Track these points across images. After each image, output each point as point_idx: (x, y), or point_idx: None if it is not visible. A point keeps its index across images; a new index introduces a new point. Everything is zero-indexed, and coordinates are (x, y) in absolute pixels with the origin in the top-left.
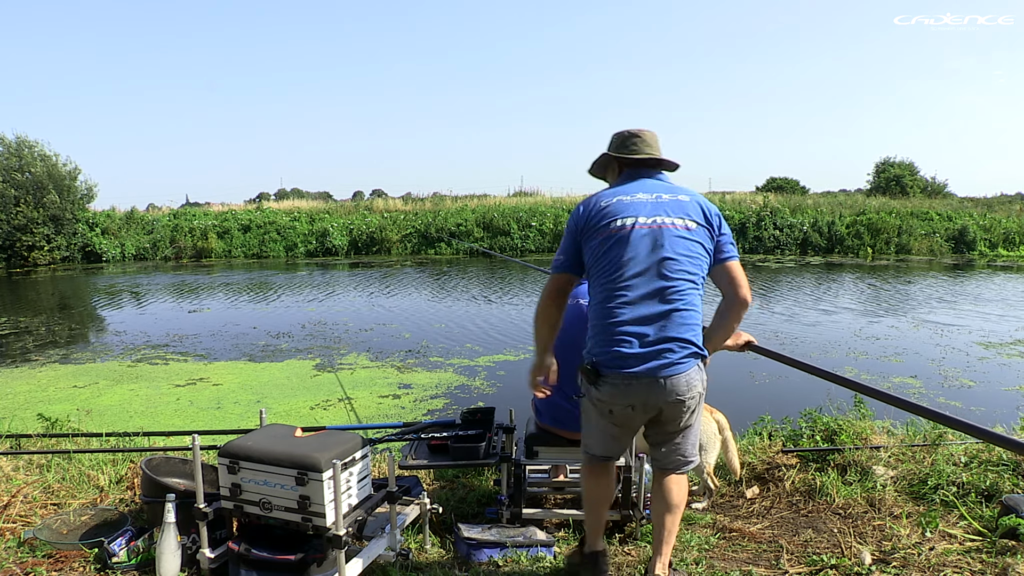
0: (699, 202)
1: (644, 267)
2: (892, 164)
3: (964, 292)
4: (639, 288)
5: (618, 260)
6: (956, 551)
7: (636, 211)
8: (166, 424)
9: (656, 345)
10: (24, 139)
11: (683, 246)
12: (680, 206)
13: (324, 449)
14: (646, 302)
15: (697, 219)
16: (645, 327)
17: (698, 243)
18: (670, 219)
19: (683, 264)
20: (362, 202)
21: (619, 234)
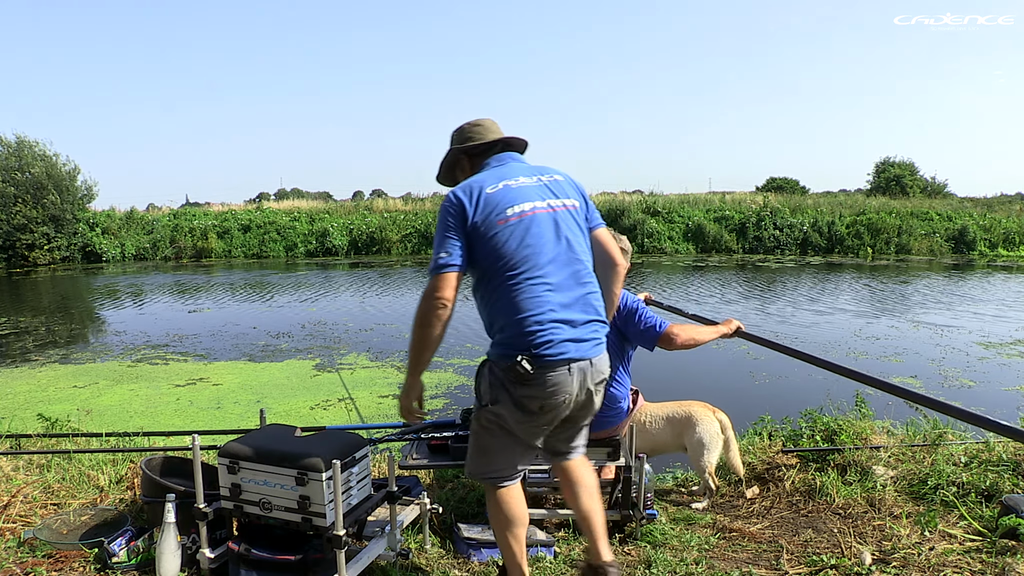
0: (571, 180)
1: (555, 252)
2: (892, 164)
3: (964, 292)
4: (556, 274)
5: (528, 248)
6: (956, 551)
7: (528, 196)
8: (166, 424)
9: (584, 327)
10: (24, 139)
11: (577, 225)
12: (560, 186)
13: (324, 449)
14: (566, 286)
15: (576, 197)
16: (572, 312)
17: (584, 219)
18: (559, 200)
19: (582, 243)
20: (362, 202)
21: (521, 222)
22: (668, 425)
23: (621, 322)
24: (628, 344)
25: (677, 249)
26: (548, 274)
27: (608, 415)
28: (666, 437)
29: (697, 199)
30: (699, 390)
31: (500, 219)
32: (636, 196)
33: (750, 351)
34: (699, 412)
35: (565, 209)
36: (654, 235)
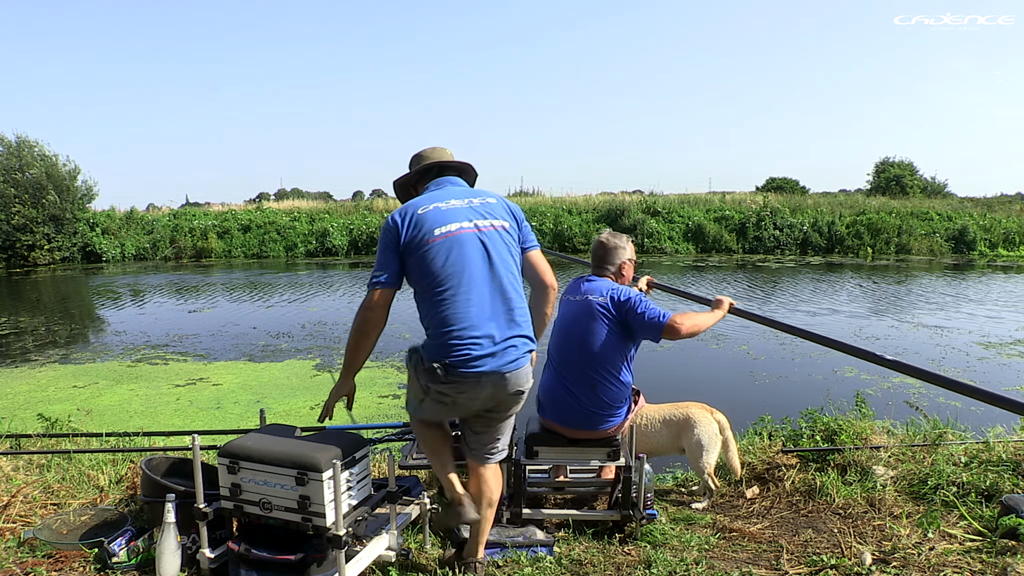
0: (504, 202)
1: (479, 271)
2: (892, 164)
3: (964, 292)
4: (479, 291)
5: (452, 267)
6: (956, 551)
7: (456, 217)
8: (166, 424)
9: (502, 343)
10: (24, 139)
11: (505, 246)
12: (491, 208)
13: (324, 449)
14: (488, 304)
15: (507, 219)
16: (492, 328)
17: (513, 241)
18: (487, 221)
19: (509, 263)
20: (362, 202)
21: (446, 241)
22: (665, 427)
23: (622, 316)
24: (631, 340)
25: (677, 249)
26: (471, 291)
27: (609, 414)
28: (663, 439)
29: (697, 199)
30: (699, 390)
31: (428, 239)
32: (636, 196)
33: (750, 351)
34: (697, 413)
35: (493, 230)
36: (654, 235)
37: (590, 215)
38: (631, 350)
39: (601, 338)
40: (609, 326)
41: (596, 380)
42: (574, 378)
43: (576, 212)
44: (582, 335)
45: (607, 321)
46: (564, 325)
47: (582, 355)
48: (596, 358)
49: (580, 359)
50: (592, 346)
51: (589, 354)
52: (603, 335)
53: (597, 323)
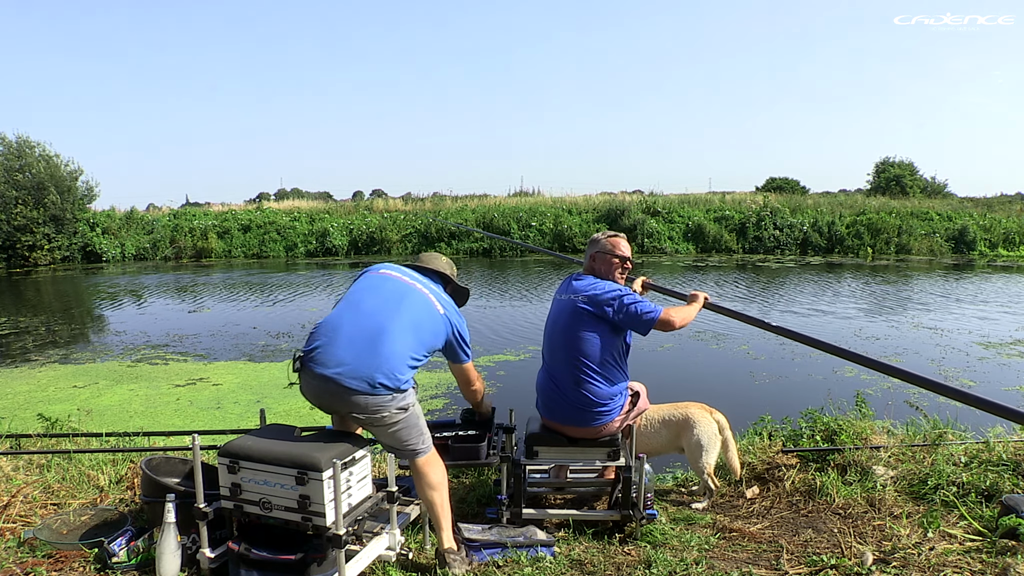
0: (449, 315)
1: (381, 305)
2: (892, 164)
3: (964, 292)
4: (365, 316)
5: (364, 291)
6: (956, 551)
7: (398, 270)
8: (166, 424)
9: (347, 366)
10: (26, 140)
11: (421, 307)
12: (432, 289)
13: (324, 449)
14: (363, 330)
15: (445, 309)
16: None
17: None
18: (420, 286)
19: (411, 315)
20: (362, 202)
21: (379, 275)
22: (665, 427)
23: (603, 312)
24: (616, 336)
25: (677, 249)
26: (360, 306)
27: (599, 411)
28: (663, 439)
29: (697, 199)
30: (699, 390)
31: (371, 272)
32: (636, 196)
33: (750, 351)
34: (696, 413)
35: (412, 286)
36: (654, 235)
37: (590, 215)
38: (617, 346)
39: (584, 335)
40: (592, 323)
41: (581, 377)
42: (560, 375)
43: (576, 212)
44: (566, 333)
45: (589, 318)
46: (551, 323)
47: (566, 352)
48: (580, 355)
49: (565, 356)
50: (575, 343)
51: (573, 351)
52: (586, 332)
53: (580, 321)
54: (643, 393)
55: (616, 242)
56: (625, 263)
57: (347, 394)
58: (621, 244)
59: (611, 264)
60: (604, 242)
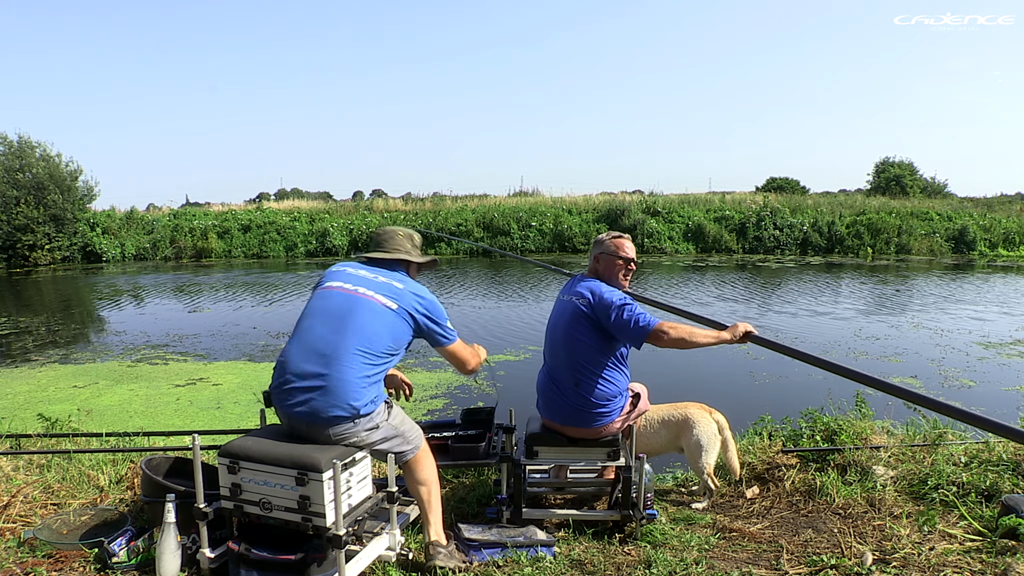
0: (414, 299)
1: (325, 324)
2: (892, 164)
3: (964, 292)
4: (310, 340)
5: (311, 315)
6: (956, 551)
7: (347, 279)
8: (166, 424)
9: (297, 391)
10: (27, 140)
11: (374, 315)
12: (383, 286)
13: (324, 449)
14: (310, 353)
15: (400, 302)
16: (298, 373)
17: (395, 323)
18: (370, 292)
19: (364, 328)
20: (362, 202)
21: (327, 292)
22: (664, 427)
23: (599, 317)
24: (615, 341)
25: (677, 249)
26: (305, 337)
27: (599, 412)
28: (662, 439)
29: (697, 199)
30: (699, 390)
31: (321, 286)
32: (636, 196)
33: (750, 351)
34: (696, 414)
35: (365, 298)
36: (654, 235)
37: (590, 215)
38: (618, 348)
39: (582, 337)
40: (589, 326)
41: (579, 378)
42: (560, 375)
43: (576, 212)
44: (565, 334)
45: (587, 321)
46: (552, 323)
47: (566, 353)
48: (578, 356)
49: (564, 357)
50: (574, 345)
51: (572, 352)
52: (583, 335)
53: (578, 323)
54: (644, 395)
55: (620, 243)
56: (629, 265)
57: (313, 430)
58: (625, 245)
59: (615, 266)
60: (608, 243)
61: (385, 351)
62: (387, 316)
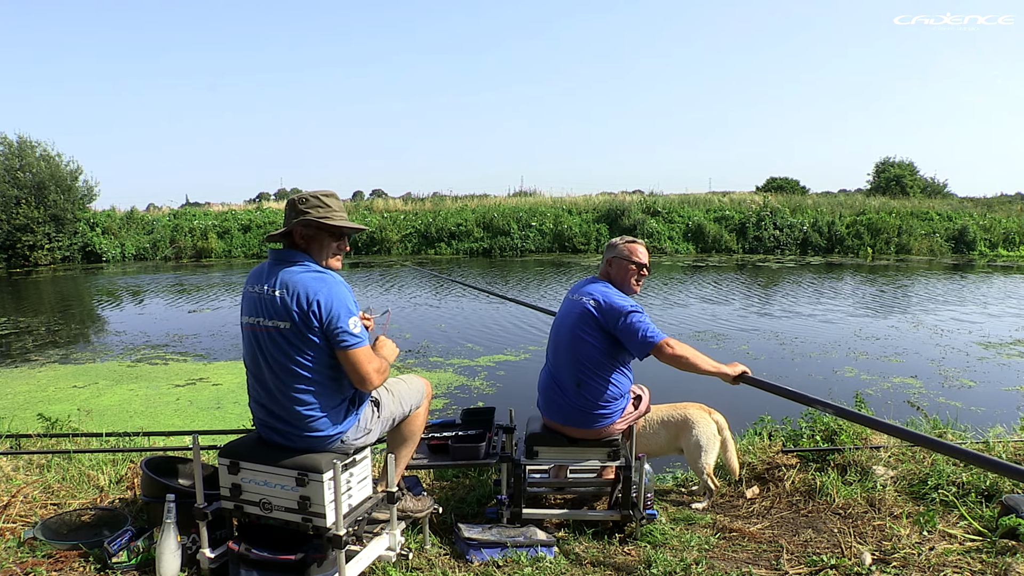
0: (298, 292)
1: (255, 369)
2: (892, 164)
3: (964, 292)
4: (257, 387)
5: (246, 360)
6: (956, 551)
7: (249, 309)
8: (166, 424)
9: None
10: (27, 140)
11: (278, 347)
12: (274, 303)
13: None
14: (265, 401)
15: (285, 319)
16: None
17: (290, 341)
18: (266, 320)
19: (282, 363)
20: (362, 202)
21: (243, 332)
22: (664, 428)
23: (608, 323)
24: (621, 345)
25: (677, 249)
26: (253, 386)
27: (600, 413)
28: (662, 440)
29: (697, 199)
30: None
31: (241, 324)
32: (636, 196)
33: (750, 351)
34: (695, 414)
35: (266, 332)
36: (654, 235)
37: (590, 215)
38: (622, 353)
39: (587, 340)
40: (595, 328)
41: (582, 379)
42: (563, 376)
43: (576, 212)
44: (570, 335)
45: (594, 324)
46: (558, 322)
47: (570, 353)
48: (583, 358)
49: (568, 358)
50: (579, 346)
51: (576, 354)
52: (589, 337)
53: (585, 325)
54: (645, 397)
55: (634, 248)
56: (642, 270)
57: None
58: (639, 251)
59: (628, 271)
60: (622, 247)
61: (318, 370)
62: (289, 341)
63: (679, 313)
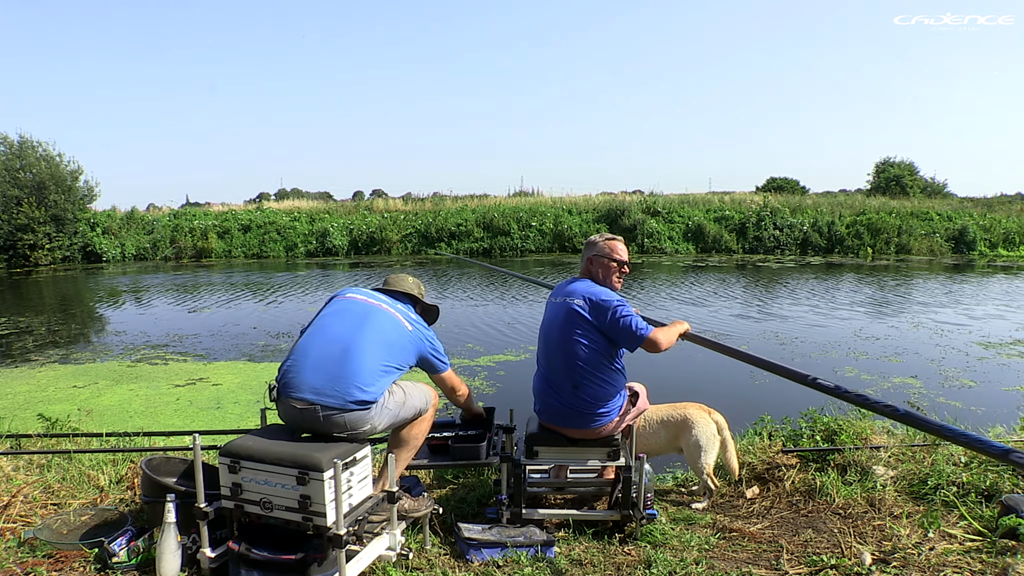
0: (422, 327)
1: (344, 327)
2: (892, 164)
3: (964, 292)
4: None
5: (328, 316)
6: (956, 551)
7: (364, 293)
8: (166, 424)
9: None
10: (28, 139)
11: (387, 324)
12: (405, 313)
13: (325, 449)
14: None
15: (413, 326)
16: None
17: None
18: (385, 306)
19: (377, 335)
20: (362, 202)
21: (344, 299)
22: (663, 428)
23: (598, 320)
24: (615, 345)
25: (677, 249)
26: (324, 334)
27: (598, 413)
28: (661, 440)
29: (697, 199)
30: (698, 390)
31: (338, 297)
32: (636, 196)
33: (750, 351)
34: (695, 414)
35: (387, 312)
36: (654, 235)
37: (590, 215)
38: (615, 348)
39: (579, 340)
40: (586, 327)
41: (578, 380)
42: (557, 379)
43: (576, 212)
44: (561, 337)
45: (584, 322)
46: (545, 327)
47: (562, 357)
48: (576, 359)
49: (561, 361)
50: (571, 348)
51: (569, 356)
52: (580, 337)
53: (574, 325)
54: (643, 393)
55: (614, 245)
56: (623, 268)
57: (324, 415)
58: (619, 248)
59: (609, 268)
60: (602, 245)
61: (397, 359)
62: (403, 332)
63: (679, 313)
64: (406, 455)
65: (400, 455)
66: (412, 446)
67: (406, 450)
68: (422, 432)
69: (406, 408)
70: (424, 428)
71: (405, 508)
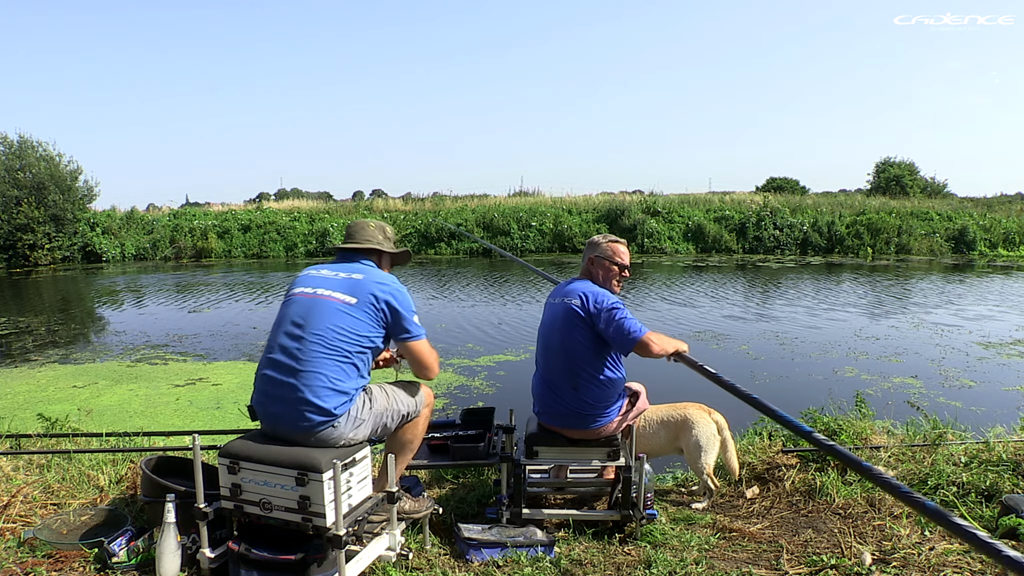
0: (371, 283)
1: (288, 329)
2: (892, 164)
3: (964, 292)
4: (278, 347)
5: (279, 324)
6: (956, 551)
7: (310, 283)
8: (166, 424)
9: (274, 396)
10: (27, 139)
11: (333, 314)
12: (342, 283)
13: (324, 450)
14: (281, 360)
15: (359, 296)
16: (273, 381)
17: (357, 317)
18: (328, 292)
19: (325, 328)
20: (362, 202)
21: (292, 300)
22: (663, 428)
23: (593, 320)
24: (608, 346)
25: (677, 249)
26: (272, 348)
27: (597, 413)
28: (661, 440)
29: (697, 199)
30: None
31: (289, 294)
32: (636, 196)
33: (750, 351)
34: (695, 414)
35: (323, 299)
36: (654, 235)
37: (590, 215)
38: (613, 352)
39: (578, 341)
40: (585, 328)
41: (577, 381)
42: (557, 380)
43: (576, 212)
44: (560, 338)
45: (582, 323)
46: (544, 328)
47: (562, 358)
48: (575, 360)
49: (560, 362)
50: (570, 349)
51: (568, 357)
52: (579, 338)
53: (573, 326)
54: (643, 393)
55: (617, 248)
56: (623, 271)
57: (300, 438)
58: (621, 251)
59: (610, 271)
60: (605, 247)
61: (352, 349)
62: (346, 313)
63: (680, 313)
64: (405, 456)
65: (398, 456)
66: (410, 447)
67: (404, 451)
68: (418, 434)
69: (390, 414)
70: (420, 429)
71: (405, 508)
